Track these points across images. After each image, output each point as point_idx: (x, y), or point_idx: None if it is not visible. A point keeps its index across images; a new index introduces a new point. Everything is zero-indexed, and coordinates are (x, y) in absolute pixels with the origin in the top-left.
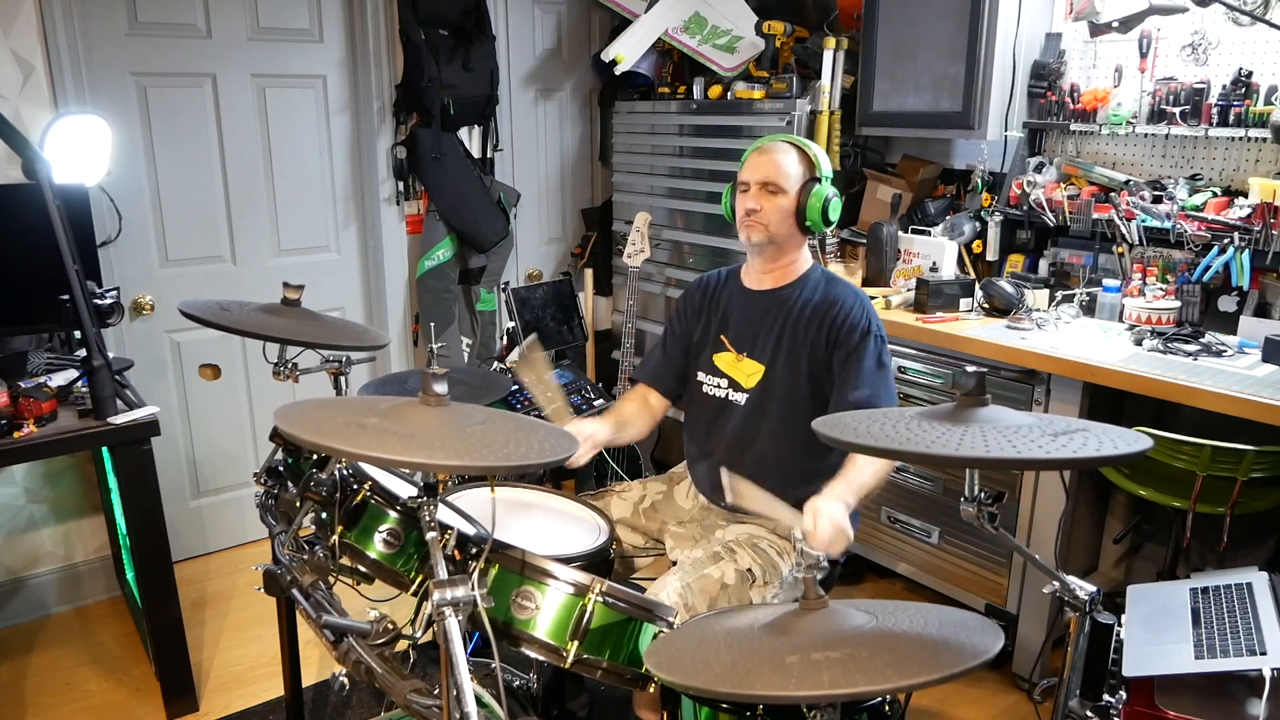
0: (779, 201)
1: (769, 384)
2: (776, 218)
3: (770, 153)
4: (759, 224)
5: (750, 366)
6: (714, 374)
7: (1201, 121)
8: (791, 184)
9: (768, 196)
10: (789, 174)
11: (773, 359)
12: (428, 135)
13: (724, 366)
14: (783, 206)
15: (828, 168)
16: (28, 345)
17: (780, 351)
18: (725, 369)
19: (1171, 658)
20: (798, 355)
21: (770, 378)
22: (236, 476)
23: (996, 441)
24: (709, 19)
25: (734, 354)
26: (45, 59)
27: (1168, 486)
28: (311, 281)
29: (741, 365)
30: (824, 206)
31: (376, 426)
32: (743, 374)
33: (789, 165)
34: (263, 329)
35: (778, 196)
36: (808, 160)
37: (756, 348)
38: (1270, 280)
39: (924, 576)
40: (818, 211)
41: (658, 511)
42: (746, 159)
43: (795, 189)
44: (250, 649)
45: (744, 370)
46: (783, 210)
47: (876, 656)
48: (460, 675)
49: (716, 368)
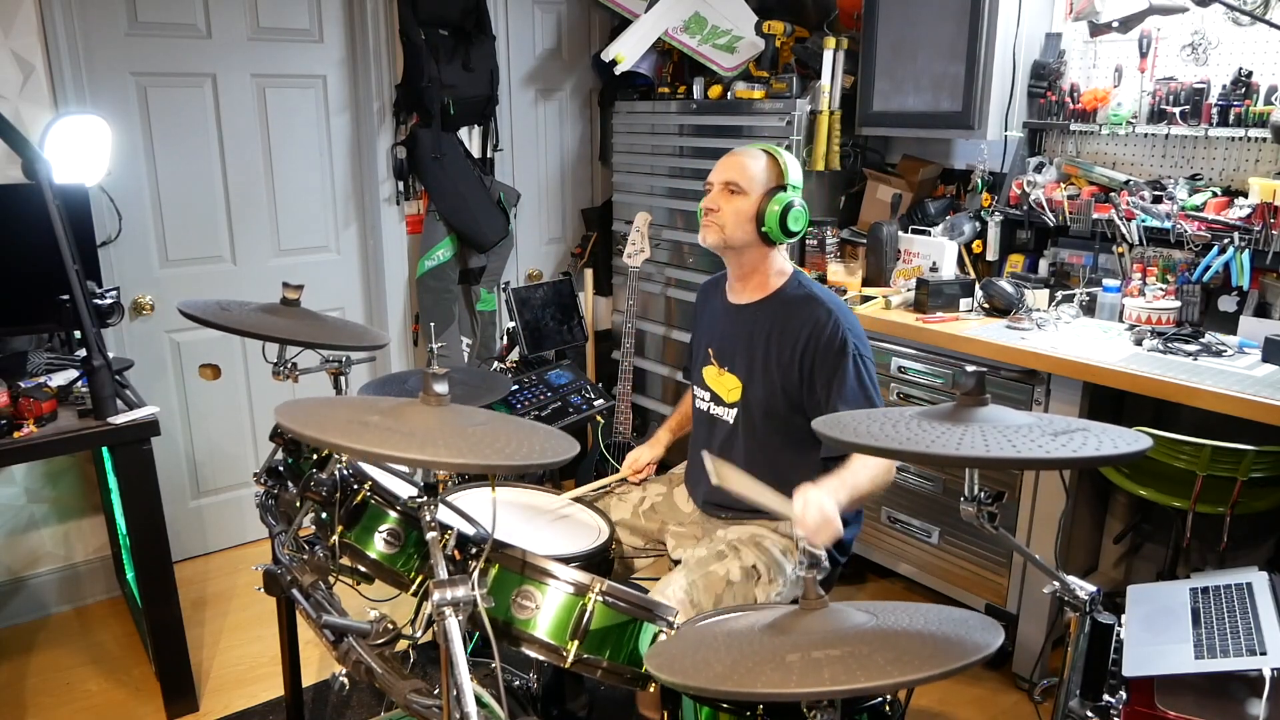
0: (737, 203)
1: (747, 400)
2: (733, 220)
3: (738, 155)
4: (715, 224)
5: (730, 381)
6: (702, 387)
7: (1201, 121)
8: (754, 187)
9: (728, 197)
10: (753, 177)
11: (749, 375)
12: (428, 135)
13: (709, 380)
14: (741, 209)
15: (797, 178)
16: (28, 345)
17: (755, 369)
18: (710, 382)
19: (1171, 658)
20: (771, 374)
21: (748, 394)
22: (236, 476)
23: (996, 441)
24: (709, 19)
25: (717, 368)
26: (45, 59)
27: (1168, 486)
28: (311, 281)
29: (723, 380)
30: (783, 214)
31: (379, 424)
32: (724, 389)
33: (754, 168)
34: (262, 329)
35: (736, 198)
36: (777, 167)
37: (735, 363)
38: (1270, 280)
39: (924, 576)
40: (776, 218)
41: (657, 513)
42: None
43: (757, 193)
44: (250, 649)
45: (725, 385)
46: (740, 213)
47: (877, 653)
48: (460, 675)
49: (704, 381)
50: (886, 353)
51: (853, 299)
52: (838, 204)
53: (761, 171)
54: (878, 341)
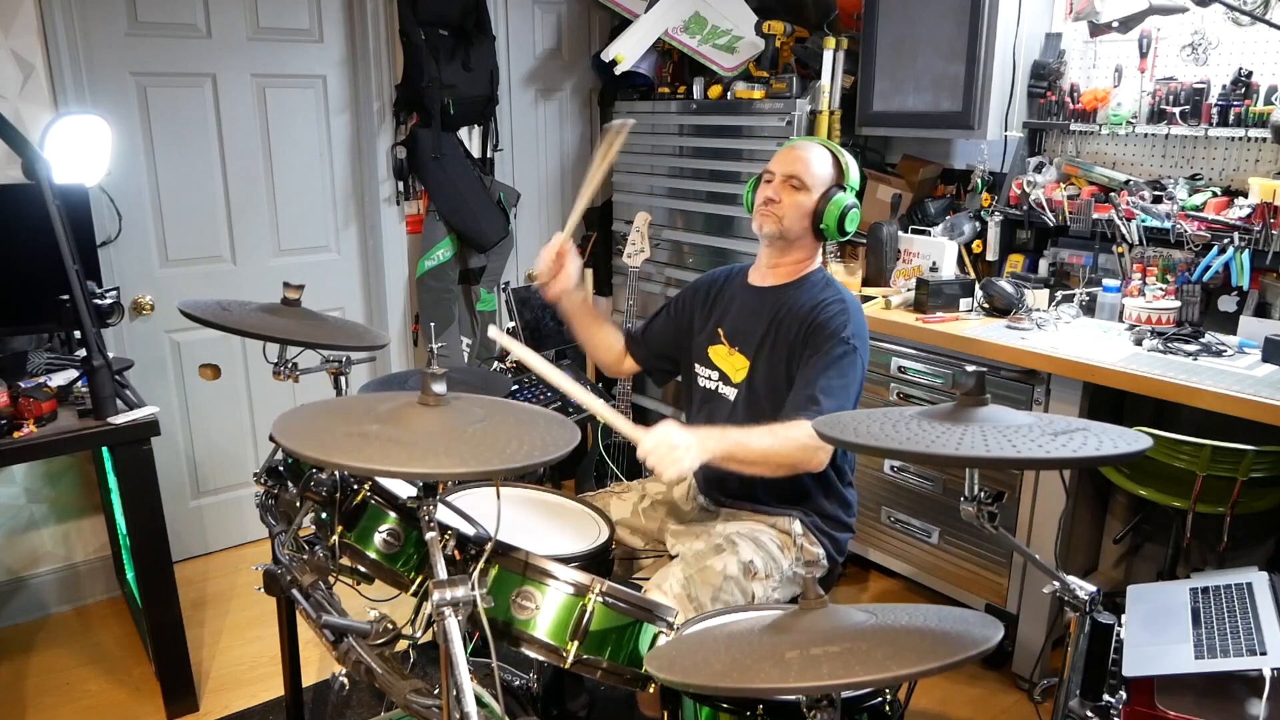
0: (799, 198)
1: (753, 379)
2: (793, 214)
3: (803, 150)
4: (774, 214)
5: (739, 361)
6: (707, 365)
7: (1201, 121)
8: (816, 184)
9: (790, 191)
10: (816, 174)
11: (757, 354)
12: (428, 135)
13: (717, 359)
14: (802, 204)
15: (856, 179)
16: (28, 345)
17: (765, 348)
18: (718, 361)
19: (1171, 658)
20: (779, 353)
21: (755, 373)
22: (236, 476)
23: (996, 441)
24: (709, 19)
25: (727, 347)
26: (45, 59)
27: (1168, 486)
28: (311, 281)
29: (732, 359)
30: (842, 215)
31: (378, 435)
32: (732, 368)
33: (818, 165)
34: (262, 329)
35: (799, 193)
36: (839, 167)
37: (746, 342)
38: (1270, 280)
39: (924, 576)
40: (834, 219)
41: (657, 513)
42: (779, 152)
43: (819, 190)
44: (250, 649)
45: (733, 364)
46: (801, 208)
47: (876, 649)
48: (460, 675)
49: (710, 360)
50: (886, 353)
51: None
52: None
53: (825, 169)
54: (878, 341)
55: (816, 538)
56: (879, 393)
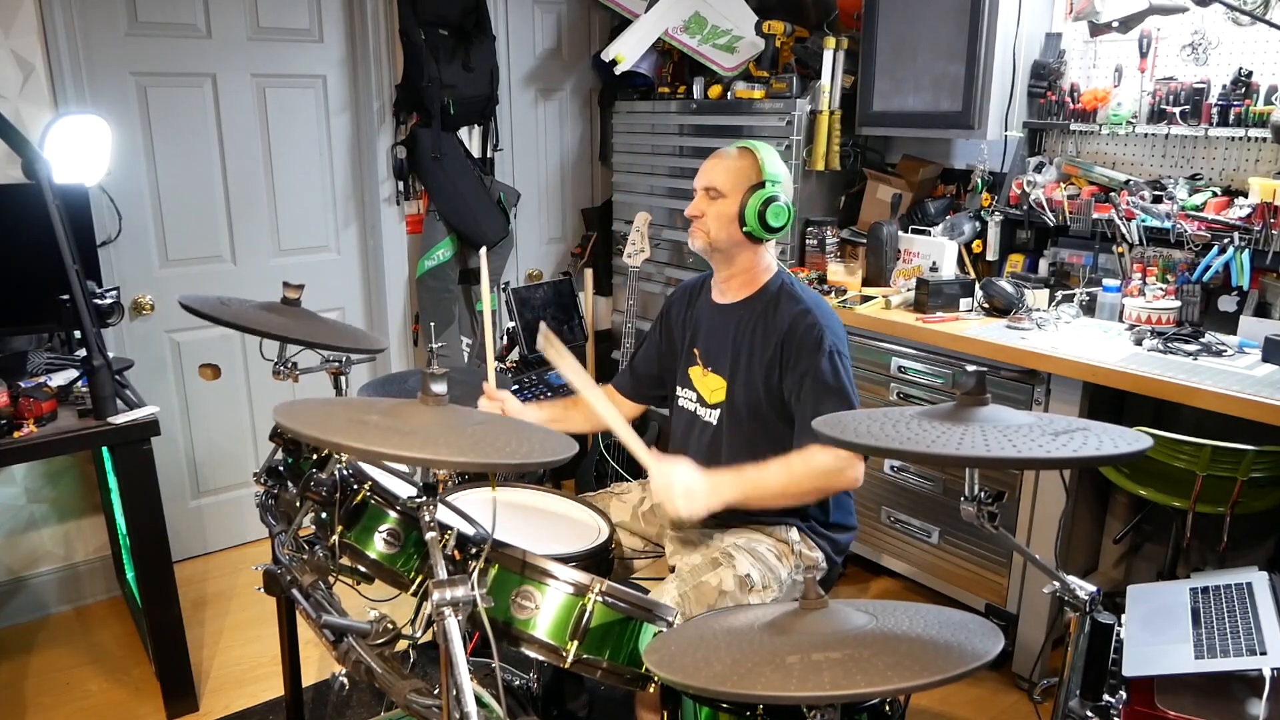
0: (719, 207)
1: (731, 400)
2: (717, 224)
3: (715, 158)
4: (699, 229)
5: (715, 381)
6: (687, 387)
7: (1201, 121)
8: (732, 188)
9: (709, 201)
10: (729, 178)
11: (732, 375)
12: (428, 135)
13: (694, 380)
14: (723, 212)
15: (776, 170)
16: (28, 345)
17: (738, 369)
18: (695, 383)
19: (1171, 658)
20: (754, 373)
21: (732, 394)
22: (236, 476)
23: (997, 441)
24: (709, 19)
25: (701, 368)
26: (45, 59)
27: (1168, 486)
28: (311, 281)
29: (707, 380)
30: (762, 210)
31: (379, 424)
32: (708, 389)
33: (731, 169)
34: (262, 326)
35: (718, 202)
36: (754, 164)
37: (719, 363)
38: (1270, 280)
39: (924, 576)
40: (754, 215)
41: (656, 515)
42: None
43: (737, 193)
44: (250, 649)
45: (709, 385)
46: (723, 216)
47: (877, 657)
48: (460, 675)
49: (689, 381)
50: (886, 353)
51: (853, 299)
52: (838, 204)
53: (737, 171)
54: (878, 341)
55: (815, 541)
56: (879, 393)
